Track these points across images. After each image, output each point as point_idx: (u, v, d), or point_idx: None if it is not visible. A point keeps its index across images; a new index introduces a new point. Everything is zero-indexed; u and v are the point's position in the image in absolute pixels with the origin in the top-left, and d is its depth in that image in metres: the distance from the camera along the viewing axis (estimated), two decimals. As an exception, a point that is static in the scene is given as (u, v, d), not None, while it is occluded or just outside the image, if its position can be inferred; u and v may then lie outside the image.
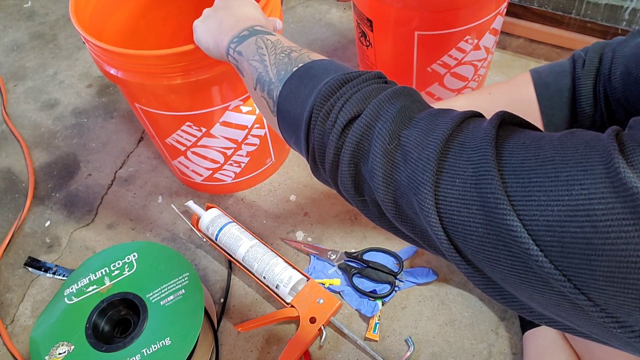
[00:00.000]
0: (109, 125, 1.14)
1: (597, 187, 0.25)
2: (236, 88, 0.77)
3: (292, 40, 1.34)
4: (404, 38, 0.86)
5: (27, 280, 0.90)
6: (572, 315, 0.28)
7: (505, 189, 0.28)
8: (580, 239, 0.25)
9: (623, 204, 0.24)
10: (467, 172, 0.30)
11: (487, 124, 0.32)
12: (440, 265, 0.83)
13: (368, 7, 0.87)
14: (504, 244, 0.28)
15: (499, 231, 0.28)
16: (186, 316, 0.70)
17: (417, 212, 0.32)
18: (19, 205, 1.02)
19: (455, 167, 0.31)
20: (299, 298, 0.79)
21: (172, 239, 0.93)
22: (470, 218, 0.29)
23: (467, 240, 0.30)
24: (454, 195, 0.30)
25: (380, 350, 0.76)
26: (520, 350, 0.74)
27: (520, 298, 0.30)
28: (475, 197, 0.29)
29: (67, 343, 0.70)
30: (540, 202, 0.26)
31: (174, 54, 0.67)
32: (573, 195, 0.25)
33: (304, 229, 0.91)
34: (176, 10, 0.96)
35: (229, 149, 0.87)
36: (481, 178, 0.29)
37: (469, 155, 0.30)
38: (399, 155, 0.34)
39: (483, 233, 0.29)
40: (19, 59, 1.34)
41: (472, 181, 0.29)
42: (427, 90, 0.95)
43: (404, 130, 0.34)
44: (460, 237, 0.30)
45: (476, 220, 0.29)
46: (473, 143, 0.31)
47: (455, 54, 0.88)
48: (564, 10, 1.05)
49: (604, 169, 0.25)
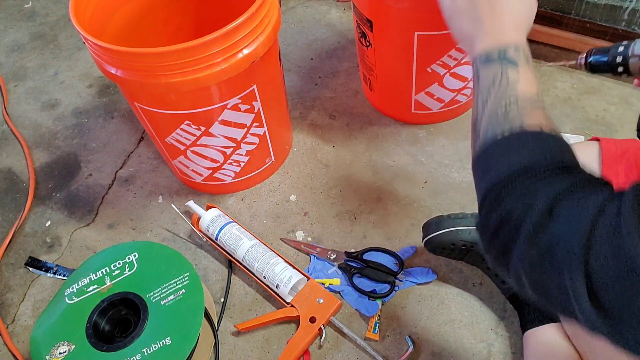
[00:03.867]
0: (110, 126, 1.15)
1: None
2: (235, 86, 0.78)
3: (292, 40, 1.34)
4: (404, 38, 0.86)
5: (27, 280, 0.91)
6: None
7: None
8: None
9: None
10: (621, 266, 0.33)
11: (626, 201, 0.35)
12: (440, 265, 0.83)
13: (368, 7, 0.87)
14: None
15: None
16: (186, 316, 0.70)
17: (566, 290, 0.36)
18: (20, 205, 1.02)
19: (601, 257, 0.34)
20: (299, 298, 0.79)
21: (172, 238, 0.93)
22: (619, 282, 0.33)
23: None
24: (603, 269, 0.34)
25: (380, 349, 0.76)
26: (520, 350, 0.74)
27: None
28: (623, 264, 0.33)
29: (67, 343, 0.70)
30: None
31: (172, 52, 0.67)
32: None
33: (304, 229, 0.92)
34: (176, 11, 0.96)
35: (229, 148, 0.87)
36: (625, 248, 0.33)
37: (617, 252, 0.33)
38: (545, 245, 0.37)
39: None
40: (19, 59, 1.34)
41: (624, 271, 0.33)
42: (427, 90, 0.95)
43: (551, 224, 0.38)
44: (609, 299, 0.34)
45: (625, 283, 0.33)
46: (617, 229, 0.34)
47: (455, 55, 0.88)
48: (563, 10, 1.05)
49: None
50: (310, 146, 1.04)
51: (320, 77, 1.17)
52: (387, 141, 1.02)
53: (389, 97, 1.03)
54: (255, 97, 0.81)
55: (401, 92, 0.98)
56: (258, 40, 0.74)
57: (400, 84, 0.97)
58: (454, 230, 0.76)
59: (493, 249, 0.43)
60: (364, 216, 0.92)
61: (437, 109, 1.00)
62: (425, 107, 0.99)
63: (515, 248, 0.40)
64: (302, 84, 1.16)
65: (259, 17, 0.73)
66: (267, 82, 0.83)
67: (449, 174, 0.96)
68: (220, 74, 0.72)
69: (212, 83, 0.73)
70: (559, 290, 0.37)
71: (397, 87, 0.98)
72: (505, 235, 0.41)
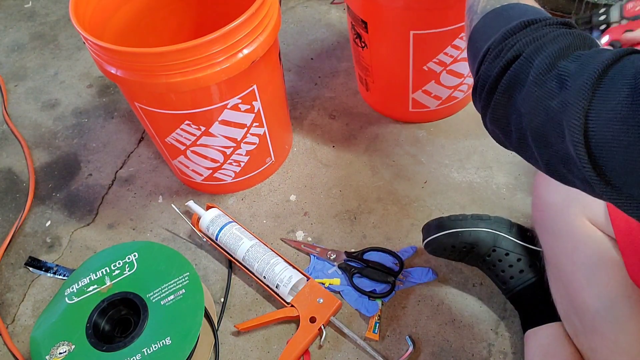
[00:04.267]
0: (110, 126, 1.14)
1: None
2: (235, 86, 0.78)
3: (292, 40, 1.34)
4: (400, 38, 0.86)
5: (27, 280, 0.91)
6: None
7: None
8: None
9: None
10: (623, 94, 0.33)
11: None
12: (440, 265, 0.83)
13: (363, 9, 0.87)
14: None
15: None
16: (186, 316, 0.70)
17: (564, 136, 0.36)
18: (20, 205, 1.02)
19: (610, 90, 0.33)
20: (299, 298, 0.79)
21: (172, 238, 0.93)
22: (619, 135, 0.32)
23: (613, 158, 0.33)
24: (605, 116, 0.33)
25: (380, 349, 0.76)
26: (520, 350, 0.74)
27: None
28: (629, 115, 0.32)
29: (67, 343, 0.70)
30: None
31: (172, 52, 0.67)
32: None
33: (304, 229, 0.92)
34: (176, 11, 0.96)
35: (229, 148, 0.87)
36: (637, 98, 0.31)
37: (627, 81, 0.33)
38: (555, 83, 0.37)
39: (633, 149, 0.32)
40: (19, 59, 1.34)
41: (627, 101, 0.32)
42: (424, 88, 0.95)
43: (562, 62, 0.38)
44: (605, 156, 0.33)
45: (627, 137, 0.32)
46: (631, 71, 0.33)
47: (451, 52, 0.88)
48: (564, 10, 1.05)
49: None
50: (310, 146, 1.04)
51: (320, 77, 1.17)
52: (387, 141, 1.02)
53: (386, 96, 1.03)
54: (255, 97, 0.81)
55: (398, 91, 0.98)
56: (258, 40, 0.74)
57: (397, 83, 0.97)
58: (454, 232, 0.76)
59: (493, 99, 0.43)
60: (364, 216, 0.92)
61: (435, 107, 1.00)
62: (423, 105, 0.99)
63: (521, 90, 0.40)
64: (302, 84, 1.16)
65: (259, 17, 0.73)
66: (267, 82, 0.83)
67: (449, 174, 0.96)
68: (220, 74, 0.72)
69: (212, 83, 0.73)
70: (558, 138, 0.37)
71: (394, 86, 0.98)
72: (511, 77, 0.41)
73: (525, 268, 0.74)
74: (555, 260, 0.67)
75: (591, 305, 0.61)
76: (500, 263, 0.75)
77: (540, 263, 0.74)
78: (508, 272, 0.75)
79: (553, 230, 0.67)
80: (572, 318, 0.65)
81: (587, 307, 0.61)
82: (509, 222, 0.77)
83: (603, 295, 0.60)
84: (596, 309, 0.60)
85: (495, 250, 0.75)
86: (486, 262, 0.77)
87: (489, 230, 0.75)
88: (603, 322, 0.60)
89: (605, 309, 0.59)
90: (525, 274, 0.74)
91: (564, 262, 0.65)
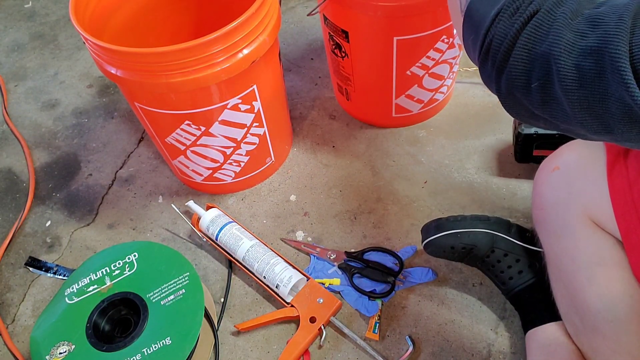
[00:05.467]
0: (110, 126, 1.15)
1: None
2: (235, 86, 0.78)
3: (292, 40, 1.34)
4: (383, 45, 0.86)
5: (27, 280, 0.91)
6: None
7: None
8: None
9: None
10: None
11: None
12: (440, 265, 0.83)
13: (343, 18, 0.86)
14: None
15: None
16: (186, 316, 0.71)
17: (603, 70, 0.36)
18: (20, 205, 1.02)
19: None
20: (299, 298, 0.79)
21: (172, 238, 0.93)
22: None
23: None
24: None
25: (380, 349, 0.76)
26: (520, 350, 0.74)
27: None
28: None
29: (67, 343, 0.70)
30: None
31: (172, 52, 0.67)
32: None
33: (304, 229, 0.92)
34: (176, 11, 0.96)
35: (229, 148, 0.87)
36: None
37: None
38: (586, 25, 0.37)
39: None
40: (19, 59, 1.34)
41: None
42: (407, 93, 0.95)
43: (587, 10, 0.38)
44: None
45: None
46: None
47: (433, 55, 0.89)
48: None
49: None
50: (310, 146, 1.04)
51: (320, 77, 1.17)
52: (387, 141, 1.02)
53: (368, 104, 1.03)
54: (255, 97, 0.81)
55: (381, 98, 0.98)
56: (258, 40, 0.74)
57: (380, 90, 0.96)
58: (453, 233, 0.76)
59: (512, 55, 0.42)
60: (364, 216, 0.92)
61: (417, 110, 1.01)
62: (405, 109, 1.00)
63: (545, 39, 0.39)
64: (302, 84, 1.16)
65: (259, 17, 0.73)
66: (267, 82, 0.83)
67: (449, 174, 0.96)
68: (220, 74, 0.72)
69: (212, 83, 0.73)
70: (596, 74, 0.37)
71: (377, 93, 0.98)
72: (533, 29, 0.40)
73: (524, 269, 0.74)
74: (556, 259, 0.67)
75: (592, 305, 0.60)
76: (499, 264, 0.75)
77: (540, 263, 0.73)
78: (507, 272, 0.75)
79: (554, 229, 0.67)
80: (573, 318, 0.65)
81: (588, 306, 0.61)
82: (508, 222, 0.77)
83: (604, 295, 0.60)
84: (597, 308, 0.60)
85: (494, 251, 0.75)
86: (485, 263, 0.77)
87: (488, 231, 0.75)
88: (604, 321, 0.60)
89: (607, 309, 0.59)
90: (524, 275, 0.74)
91: (565, 261, 0.65)
